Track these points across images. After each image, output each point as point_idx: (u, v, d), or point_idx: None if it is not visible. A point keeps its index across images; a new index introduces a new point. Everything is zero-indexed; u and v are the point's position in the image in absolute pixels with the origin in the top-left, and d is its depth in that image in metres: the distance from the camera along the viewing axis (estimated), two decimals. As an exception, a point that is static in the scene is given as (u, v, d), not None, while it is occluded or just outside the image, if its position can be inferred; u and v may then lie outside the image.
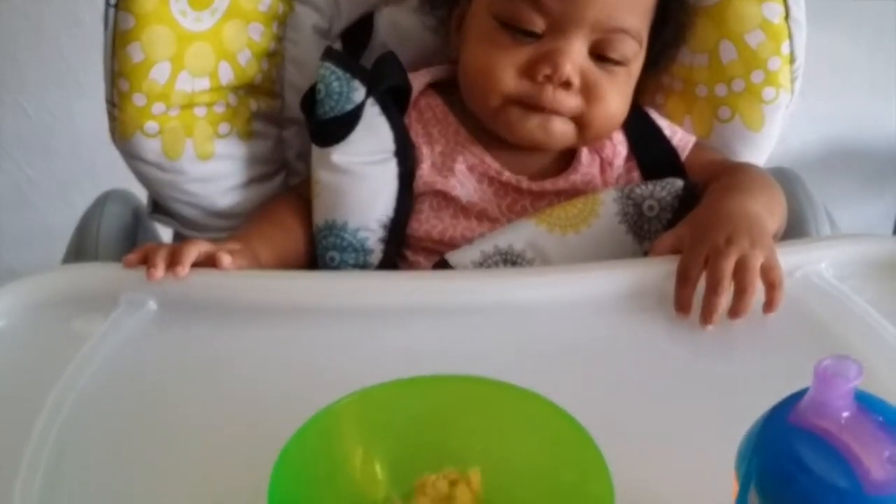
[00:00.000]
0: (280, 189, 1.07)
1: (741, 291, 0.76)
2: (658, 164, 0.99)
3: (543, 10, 0.90)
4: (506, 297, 0.81)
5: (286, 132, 1.07)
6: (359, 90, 0.93)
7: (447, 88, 1.01)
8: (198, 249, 0.82)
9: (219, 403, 0.70)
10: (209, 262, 0.82)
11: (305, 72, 1.03)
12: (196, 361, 0.75)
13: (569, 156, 0.99)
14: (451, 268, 0.90)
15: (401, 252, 0.97)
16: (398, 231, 0.95)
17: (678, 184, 0.93)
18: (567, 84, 0.91)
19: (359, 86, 0.94)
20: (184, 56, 0.92)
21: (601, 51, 0.92)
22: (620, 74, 0.94)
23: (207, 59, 0.95)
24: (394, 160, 0.95)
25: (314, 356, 0.75)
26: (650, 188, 0.93)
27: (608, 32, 0.91)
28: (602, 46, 0.91)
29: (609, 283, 0.81)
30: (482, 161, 0.97)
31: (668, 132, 1.02)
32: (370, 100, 0.94)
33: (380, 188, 0.95)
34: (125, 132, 0.94)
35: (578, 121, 0.94)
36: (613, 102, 0.94)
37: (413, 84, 0.99)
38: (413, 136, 0.98)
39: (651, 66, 0.99)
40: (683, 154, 1.01)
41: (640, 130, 1.01)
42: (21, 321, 0.79)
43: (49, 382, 0.70)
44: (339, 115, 0.93)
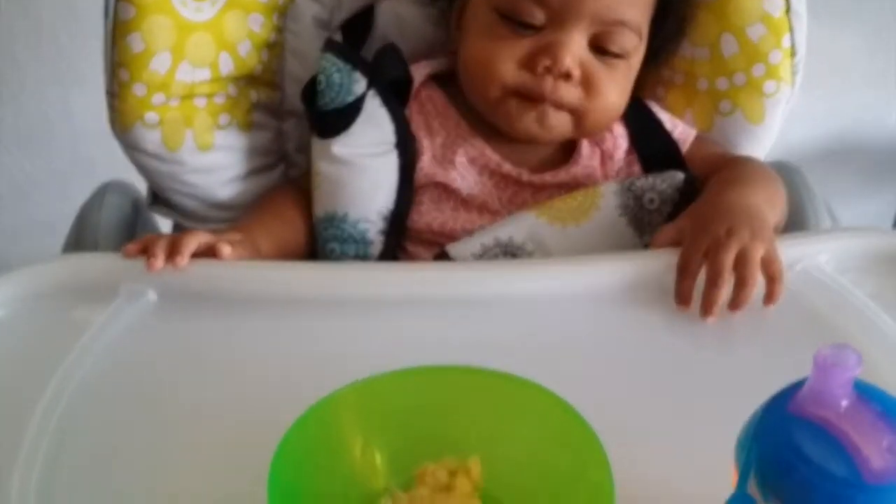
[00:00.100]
0: (280, 181, 1.07)
1: (741, 284, 0.77)
2: (659, 157, 0.99)
3: (543, 3, 0.90)
4: (506, 289, 0.81)
5: (286, 124, 1.07)
6: (360, 82, 0.93)
7: (447, 81, 1.01)
8: (198, 240, 0.82)
9: (218, 393, 0.70)
10: (209, 253, 0.82)
11: (306, 63, 1.03)
12: (196, 351, 0.75)
13: (569, 148, 0.99)
14: (452, 260, 0.91)
15: (401, 244, 0.97)
16: (399, 223, 0.95)
17: (679, 177, 0.93)
18: (567, 76, 0.91)
19: (360, 77, 0.94)
20: (184, 46, 0.92)
21: (601, 43, 0.91)
22: (620, 67, 0.94)
23: (208, 50, 0.95)
24: (394, 152, 0.95)
25: (314, 346, 0.75)
26: (651, 181, 0.93)
27: (608, 25, 0.91)
28: (602, 39, 0.91)
29: (609, 276, 0.81)
30: (483, 153, 0.97)
31: (669, 125, 1.01)
32: (371, 91, 0.94)
33: (380, 180, 0.95)
34: (125, 123, 0.94)
35: (576, 113, 0.93)
36: (612, 95, 0.94)
37: (413, 76, 0.99)
38: (414, 129, 0.98)
39: (652, 60, 0.99)
40: (684, 147, 1.01)
41: (641, 123, 1.01)
42: (21, 311, 0.79)
43: (49, 371, 0.70)
44: (340, 107, 0.93)
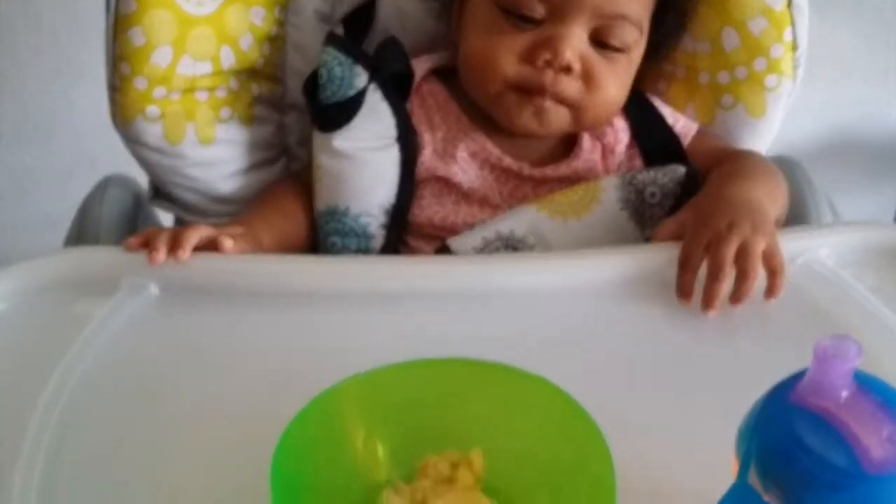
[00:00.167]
0: (281, 174, 1.07)
1: (743, 277, 0.77)
2: (660, 151, 0.99)
3: None
4: (507, 283, 0.81)
5: (287, 117, 1.07)
6: (361, 76, 0.93)
7: (449, 75, 1.01)
8: (199, 233, 0.82)
9: (220, 386, 0.70)
10: (211, 246, 0.82)
11: (307, 57, 1.03)
12: (197, 344, 0.75)
13: (570, 142, 0.99)
14: (453, 253, 0.91)
15: (402, 238, 0.97)
16: (400, 217, 0.95)
17: (680, 170, 0.93)
18: (568, 69, 0.90)
19: (361, 71, 0.93)
20: (185, 40, 0.92)
21: (601, 37, 0.91)
22: (620, 61, 0.94)
23: (209, 44, 0.95)
24: (396, 146, 0.95)
25: (316, 339, 0.75)
26: (652, 175, 0.93)
27: (608, 19, 0.90)
28: (602, 33, 0.91)
29: (611, 269, 0.82)
30: (483, 147, 0.97)
31: (671, 119, 1.01)
32: (372, 85, 0.94)
33: (381, 174, 0.95)
34: (126, 116, 0.94)
35: (575, 107, 0.93)
36: (612, 89, 0.94)
37: (415, 70, 0.99)
38: (415, 123, 0.98)
39: (653, 54, 0.99)
40: (685, 141, 1.01)
41: (643, 117, 1.01)
42: (23, 304, 0.79)
43: (51, 365, 0.70)
44: (342, 101, 0.93)
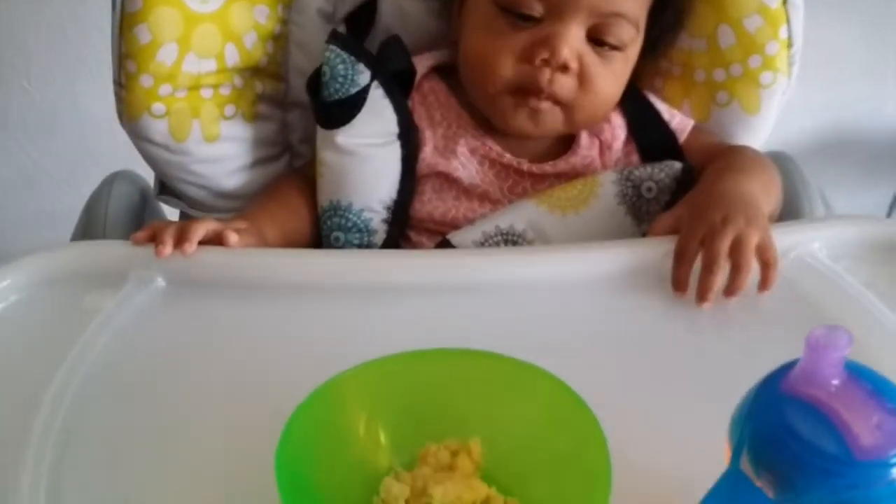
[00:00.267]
0: (284, 171, 1.07)
1: (737, 270, 0.77)
2: (657, 147, 0.99)
3: None
4: (506, 276, 0.82)
5: (290, 115, 1.07)
6: (364, 73, 0.94)
7: (449, 72, 1.02)
8: (205, 227, 0.83)
9: (225, 376, 0.71)
10: (216, 240, 0.83)
11: (310, 55, 1.03)
12: (203, 336, 0.76)
13: (569, 139, 1.00)
14: (454, 247, 0.91)
15: (404, 233, 0.97)
16: (401, 212, 0.96)
17: (676, 166, 0.94)
18: (565, 68, 0.91)
19: (363, 69, 0.94)
20: (190, 38, 0.93)
21: (598, 35, 0.92)
22: (617, 59, 0.94)
23: (214, 41, 0.95)
24: (397, 143, 0.95)
25: (319, 331, 0.76)
26: (649, 170, 0.93)
27: (605, 17, 0.91)
28: (599, 31, 0.91)
29: (608, 263, 0.82)
30: (484, 144, 0.97)
31: (667, 116, 1.02)
32: (374, 83, 0.94)
33: (383, 170, 0.95)
34: (132, 113, 0.94)
35: (569, 108, 0.94)
36: (607, 88, 0.94)
37: (416, 68, 0.99)
38: (416, 120, 0.98)
39: (650, 51, 0.99)
40: (681, 137, 1.01)
41: (639, 114, 1.01)
42: (32, 296, 0.79)
43: (60, 355, 0.71)
44: (344, 98, 0.94)
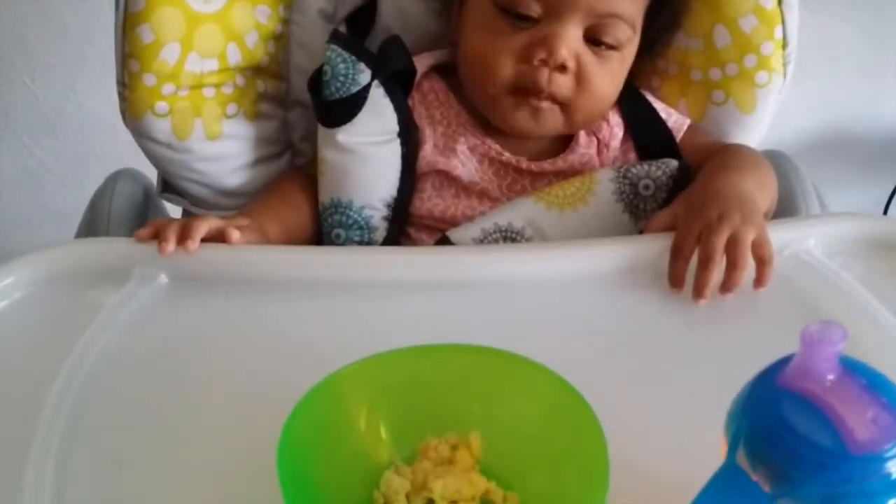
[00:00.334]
0: (286, 168, 1.08)
1: (732, 267, 0.78)
2: (654, 146, 1.00)
3: None
4: (505, 272, 0.82)
5: (292, 114, 1.07)
6: (364, 72, 0.94)
7: (449, 72, 1.02)
8: (208, 225, 0.83)
9: (228, 372, 0.72)
10: (218, 238, 0.84)
11: (311, 55, 1.04)
12: (206, 332, 0.76)
13: (567, 137, 1.00)
14: (453, 245, 0.92)
15: (404, 230, 0.98)
16: (401, 209, 0.96)
17: (673, 164, 0.94)
18: (562, 68, 0.91)
19: (364, 68, 0.94)
20: (193, 37, 0.93)
21: (595, 35, 0.92)
22: (614, 59, 0.94)
23: (216, 41, 0.96)
24: (397, 141, 0.96)
25: (320, 327, 0.76)
26: (646, 168, 0.94)
27: (602, 17, 0.91)
28: (596, 30, 0.92)
29: (605, 259, 0.83)
30: (483, 142, 0.98)
31: (664, 114, 1.02)
32: (375, 82, 0.95)
33: (384, 168, 0.96)
34: (136, 112, 0.95)
35: (567, 107, 0.94)
36: (604, 87, 0.95)
37: (416, 67, 0.99)
38: (416, 118, 0.99)
39: (647, 51, 1.00)
40: (678, 136, 1.01)
41: (637, 113, 1.02)
42: (36, 293, 0.80)
43: (64, 351, 0.72)
44: (345, 97, 0.94)
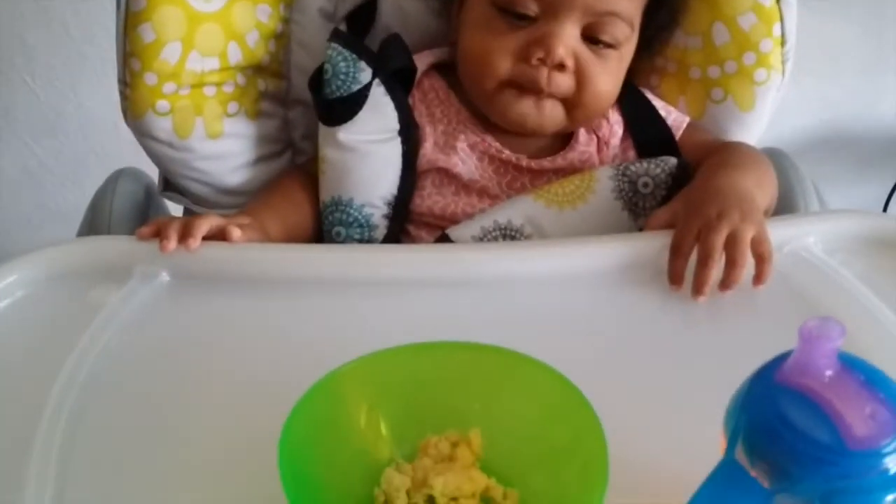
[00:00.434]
0: (287, 167, 1.08)
1: (732, 264, 0.78)
2: (653, 144, 1.00)
3: None
4: (504, 270, 0.82)
5: (292, 113, 1.08)
6: (365, 71, 0.94)
7: (449, 70, 1.02)
8: (209, 223, 0.83)
9: (230, 369, 0.72)
10: (220, 236, 0.84)
11: (311, 53, 1.04)
12: (207, 330, 0.77)
13: (566, 135, 1.00)
14: (453, 242, 0.92)
15: (404, 227, 0.98)
16: (402, 207, 0.97)
17: (672, 162, 0.94)
18: (561, 66, 0.92)
19: (365, 67, 0.94)
20: (194, 36, 0.94)
21: (593, 33, 0.92)
22: (612, 57, 0.95)
23: (217, 40, 0.96)
24: (398, 139, 0.96)
25: (321, 324, 0.76)
26: (645, 166, 0.94)
27: (600, 16, 0.92)
28: (594, 29, 0.92)
29: (605, 257, 0.83)
30: (483, 140, 0.98)
31: (663, 112, 1.02)
32: (376, 80, 0.95)
33: (384, 166, 0.96)
34: (137, 111, 0.95)
35: (569, 103, 0.95)
36: (604, 84, 0.95)
37: (417, 65, 0.99)
38: (417, 117, 0.99)
39: (646, 48, 1.00)
40: (677, 134, 1.01)
41: (636, 111, 1.02)
42: (38, 291, 0.80)
43: (66, 349, 0.72)
44: (346, 96, 0.94)
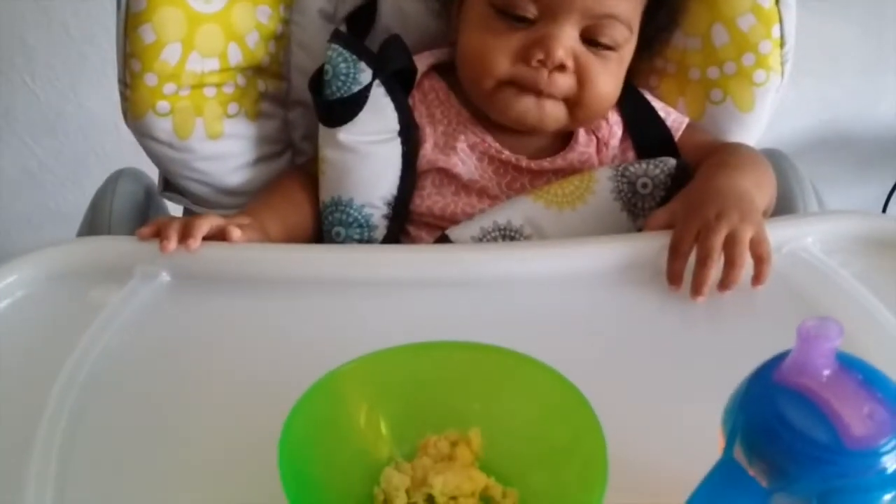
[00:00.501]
0: (287, 168, 1.08)
1: (730, 265, 0.78)
2: (652, 145, 1.00)
3: None
4: (504, 270, 0.82)
5: (292, 113, 1.08)
6: (365, 72, 0.94)
7: (449, 71, 1.02)
8: (209, 223, 0.84)
9: (230, 369, 0.72)
10: (220, 236, 0.84)
11: (311, 54, 1.04)
12: (207, 330, 0.77)
13: (566, 136, 1.01)
14: (452, 243, 0.92)
15: (404, 228, 0.98)
16: (401, 208, 0.97)
17: (671, 162, 0.94)
18: (561, 67, 0.92)
19: (365, 68, 0.94)
20: (194, 37, 0.94)
21: (592, 35, 0.92)
22: (612, 59, 0.95)
23: (217, 41, 0.96)
24: (398, 140, 0.96)
25: (320, 325, 0.77)
26: (644, 166, 0.94)
27: (598, 18, 0.92)
28: (593, 31, 0.92)
29: (604, 257, 0.83)
30: (483, 140, 0.98)
31: (663, 113, 1.02)
32: (376, 81, 0.95)
33: (384, 167, 0.96)
34: (137, 112, 0.95)
35: (571, 102, 0.95)
36: (604, 85, 0.95)
37: (417, 66, 1.00)
38: (417, 117, 0.99)
39: (645, 50, 1.00)
40: (677, 135, 1.02)
41: (636, 112, 1.02)
42: (39, 291, 0.80)
43: (67, 349, 0.72)
44: (346, 97, 0.94)
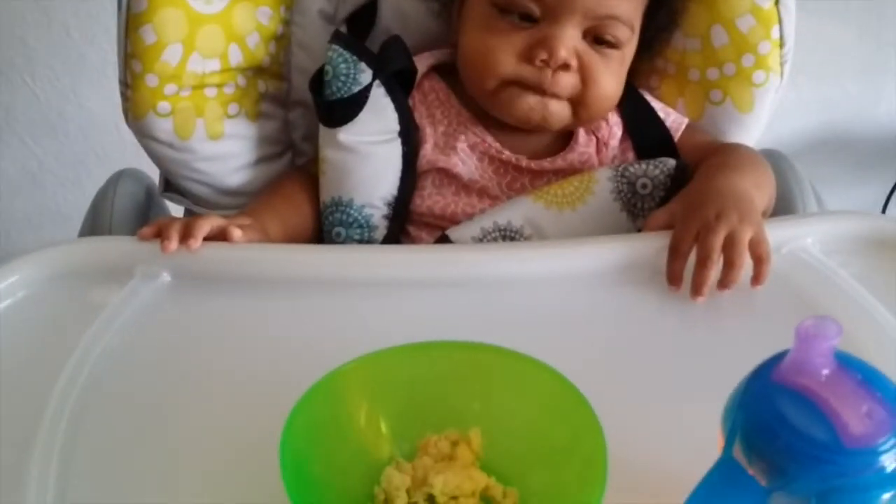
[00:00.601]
0: (287, 168, 1.08)
1: (730, 265, 0.78)
2: (652, 145, 1.00)
3: None
4: (504, 271, 0.83)
5: (292, 114, 1.08)
6: (365, 73, 0.94)
7: (449, 71, 1.03)
8: (210, 223, 0.84)
9: (231, 369, 0.72)
10: (221, 236, 0.84)
11: (312, 55, 1.04)
12: (207, 330, 0.77)
13: (566, 136, 1.01)
14: (452, 243, 0.92)
15: (404, 228, 0.98)
16: (402, 208, 0.97)
17: (671, 163, 0.94)
18: (565, 66, 0.92)
19: (365, 68, 0.95)
20: (195, 38, 0.94)
21: (594, 35, 0.93)
22: (614, 57, 0.95)
23: (217, 42, 0.96)
24: (398, 140, 0.96)
25: (321, 324, 0.77)
26: (643, 167, 0.94)
27: (600, 19, 0.92)
28: (594, 32, 0.93)
29: (603, 258, 0.83)
30: (483, 140, 0.99)
31: (662, 114, 1.03)
32: (376, 82, 0.95)
33: (384, 167, 0.96)
34: (138, 112, 0.95)
35: (574, 101, 0.95)
36: (608, 84, 0.95)
37: (417, 67, 1.00)
38: (417, 118, 0.99)
39: (645, 50, 1.00)
40: (676, 135, 1.02)
41: (636, 112, 1.02)
42: (40, 291, 0.80)
43: (68, 349, 0.72)
44: (347, 97, 0.94)
